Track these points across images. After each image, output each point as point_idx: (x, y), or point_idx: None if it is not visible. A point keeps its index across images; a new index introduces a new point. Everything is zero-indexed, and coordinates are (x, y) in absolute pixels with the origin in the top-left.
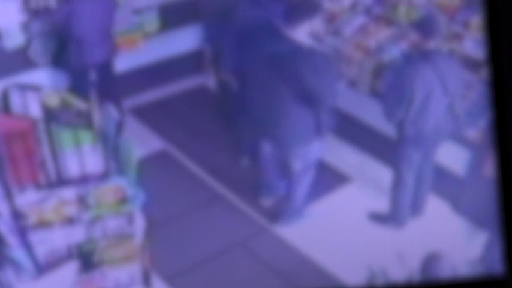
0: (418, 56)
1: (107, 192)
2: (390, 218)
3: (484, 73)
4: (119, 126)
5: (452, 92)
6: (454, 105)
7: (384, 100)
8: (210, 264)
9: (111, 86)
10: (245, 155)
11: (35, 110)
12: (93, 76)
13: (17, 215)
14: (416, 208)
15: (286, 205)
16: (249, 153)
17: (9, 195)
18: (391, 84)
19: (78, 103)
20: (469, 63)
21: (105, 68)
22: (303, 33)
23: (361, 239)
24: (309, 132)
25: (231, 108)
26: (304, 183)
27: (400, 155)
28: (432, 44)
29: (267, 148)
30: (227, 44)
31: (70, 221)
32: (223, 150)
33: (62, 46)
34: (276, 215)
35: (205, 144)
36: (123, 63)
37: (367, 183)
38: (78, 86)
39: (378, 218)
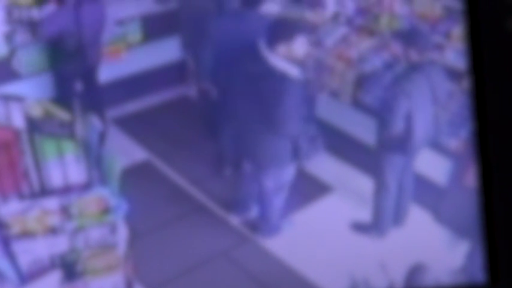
0: (409, 66)
1: (90, 202)
2: (372, 228)
3: (466, 83)
4: (102, 137)
5: (438, 101)
6: (438, 114)
7: (377, 114)
8: (192, 274)
9: (94, 96)
10: (228, 165)
11: (18, 121)
12: (77, 86)
13: (0, 225)
14: (399, 217)
15: (261, 223)
16: (231, 164)
17: None
18: (386, 96)
19: (61, 113)
20: (451, 74)
21: (90, 77)
22: (280, 56)
23: (343, 249)
24: (284, 156)
25: (214, 119)
26: (275, 204)
27: (384, 161)
28: (418, 54)
29: (246, 165)
30: (207, 55)
31: (53, 231)
32: (206, 160)
33: (47, 55)
34: (253, 230)
35: (188, 155)
36: (106, 74)
37: (349, 193)
38: (61, 96)
39: (360, 227)
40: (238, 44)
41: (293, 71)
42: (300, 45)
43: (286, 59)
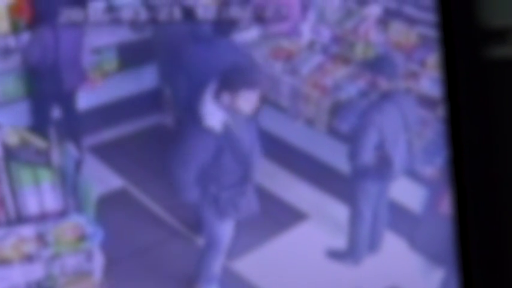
0: (380, 95)
1: (66, 229)
2: (348, 255)
3: (441, 111)
4: (78, 164)
5: (411, 129)
6: (412, 142)
7: (350, 142)
8: None
9: (71, 124)
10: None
11: None
12: (55, 113)
13: None
14: (374, 244)
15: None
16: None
17: None
18: (357, 126)
19: (37, 141)
20: (426, 101)
21: (68, 103)
22: (220, 104)
23: (319, 276)
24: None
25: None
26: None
27: (358, 189)
28: (387, 82)
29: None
30: (182, 83)
31: (29, 258)
32: None
33: (23, 83)
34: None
35: (164, 183)
36: (82, 102)
37: (324, 220)
38: (38, 124)
39: (335, 255)
40: (211, 73)
41: (215, 124)
42: (246, 100)
43: (228, 109)
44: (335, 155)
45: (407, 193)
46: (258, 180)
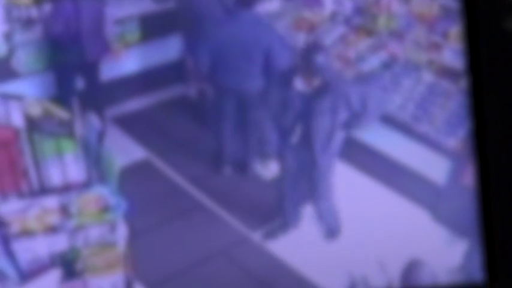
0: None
1: (89, 201)
2: None
3: (463, 83)
4: (101, 136)
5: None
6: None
7: None
8: (192, 272)
9: (94, 95)
10: (227, 164)
11: (17, 120)
12: (78, 83)
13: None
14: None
15: None
16: (231, 163)
17: None
18: None
19: (60, 112)
20: (448, 73)
21: (91, 74)
22: None
23: (342, 247)
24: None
25: (213, 117)
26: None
27: None
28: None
29: None
30: (205, 54)
31: (53, 230)
32: (206, 159)
33: (46, 53)
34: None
35: (187, 154)
36: (105, 73)
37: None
38: (61, 95)
39: None
40: (234, 43)
41: None
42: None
43: None
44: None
45: (431, 165)
46: None
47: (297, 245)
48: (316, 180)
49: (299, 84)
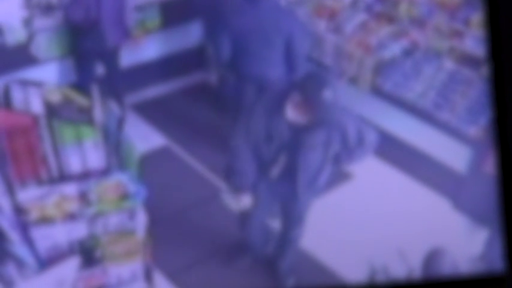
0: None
1: (109, 188)
2: None
3: (485, 70)
4: (121, 122)
5: None
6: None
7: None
8: (211, 260)
9: (114, 81)
10: None
11: (36, 106)
12: (98, 70)
13: (18, 211)
14: None
15: None
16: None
17: (11, 191)
18: None
19: (79, 99)
20: (470, 61)
21: (111, 61)
22: None
23: (362, 236)
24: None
25: (232, 104)
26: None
27: None
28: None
29: None
30: (223, 41)
31: (72, 217)
32: (225, 146)
33: (66, 40)
34: None
35: (207, 141)
36: (124, 59)
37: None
38: (80, 82)
39: None
40: (255, 30)
41: None
42: None
43: None
44: (378, 114)
45: (451, 153)
46: None
47: (317, 233)
48: (292, 215)
49: (291, 113)
